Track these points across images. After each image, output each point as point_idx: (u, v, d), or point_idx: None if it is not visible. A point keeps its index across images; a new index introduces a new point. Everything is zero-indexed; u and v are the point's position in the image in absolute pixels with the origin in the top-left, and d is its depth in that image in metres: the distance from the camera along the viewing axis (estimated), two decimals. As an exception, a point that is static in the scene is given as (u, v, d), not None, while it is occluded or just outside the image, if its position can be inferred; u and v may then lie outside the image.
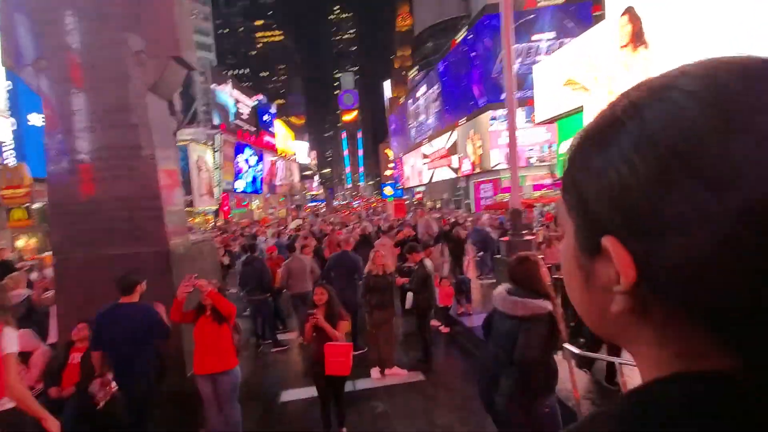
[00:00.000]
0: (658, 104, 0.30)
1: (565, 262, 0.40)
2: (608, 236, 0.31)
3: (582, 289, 0.37)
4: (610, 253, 0.31)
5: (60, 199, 4.47)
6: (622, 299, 0.32)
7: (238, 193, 40.17)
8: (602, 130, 0.34)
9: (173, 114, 5.64)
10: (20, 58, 4.57)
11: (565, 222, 0.38)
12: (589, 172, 0.33)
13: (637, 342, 0.34)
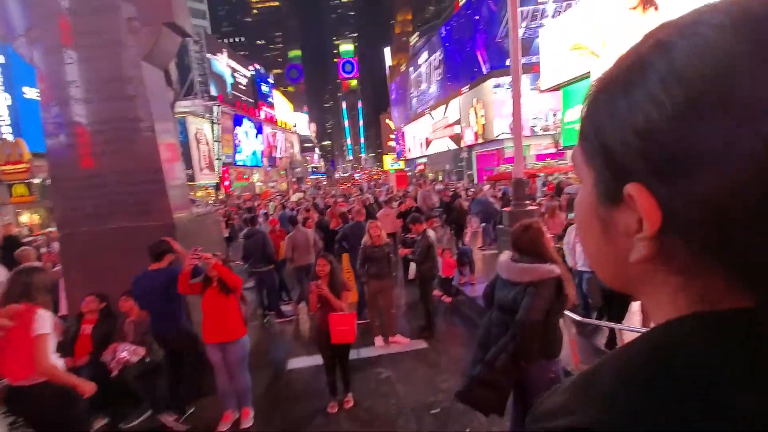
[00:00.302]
0: (687, 40, 0.29)
1: (580, 214, 0.39)
2: (632, 183, 0.30)
3: (599, 241, 0.37)
4: (635, 199, 0.30)
5: (61, 173, 4.45)
6: (645, 246, 0.31)
7: (239, 167, 39.95)
8: (626, 72, 0.33)
9: (170, 85, 5.54)
10: (12, 29, 4.43)
11: (582, 173, 0.38)
12: (612, 117, 0.32)
13: (655, 291, 0.34)
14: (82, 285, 4.03)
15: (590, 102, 0.36)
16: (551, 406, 0.35)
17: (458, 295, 6.40)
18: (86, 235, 4.21)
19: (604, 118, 0.33)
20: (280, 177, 51.05)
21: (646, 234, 0.31)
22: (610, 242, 0.36)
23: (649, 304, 0.36)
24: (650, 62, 0.31)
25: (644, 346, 0.31)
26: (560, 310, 2.47)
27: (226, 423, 3.43)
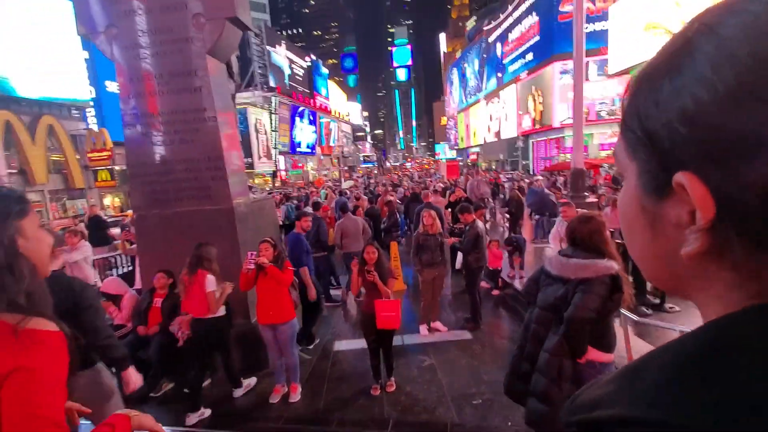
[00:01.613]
0: (735, 19, 0.28)
1: (625, 208, 0.38)
2: (682, 172, 0.29)
3: (646, 237, 0.35)
4: (686, 188, 0.29)
5: (136, 161, 4.89)
6: (698, 239, 0.30)
7: (294, 155, 41.43)
8: (671, 56, 0.31)
9: (231, 77, 5.85)
10: (93, 27, 4.89)
11: (625, 165, 0.36)
12: (657, 104, 0.31)
13: (707, 288, 0.32)
14: (153, 262, 4.44)
15: (633, 91, 0.34)
16: (591, 397, 0.34)
17: (506, 288, 6.24)
18: (156, 218, 4.61)
19: (648, 105, 0.32)
20: (333, 165, 52.26)
21: (699, 225, 0.29)
22: (658, 237, 0.34)
23: (700, 302, 0.34)
24: (697, 44, 0.29)
25: (697, 341, 0.30)
26: (613, 309, 2.32)
27: (276, 396, 3.67)
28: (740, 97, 0.26)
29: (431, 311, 5.08)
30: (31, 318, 0.85)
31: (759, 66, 0.26)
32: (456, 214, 6.84)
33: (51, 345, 0.84)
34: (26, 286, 0.86)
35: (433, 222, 4.94)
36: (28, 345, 0.82)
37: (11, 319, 0.82)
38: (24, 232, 0.92)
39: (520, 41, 31.88)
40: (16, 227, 0.90)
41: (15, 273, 0.86)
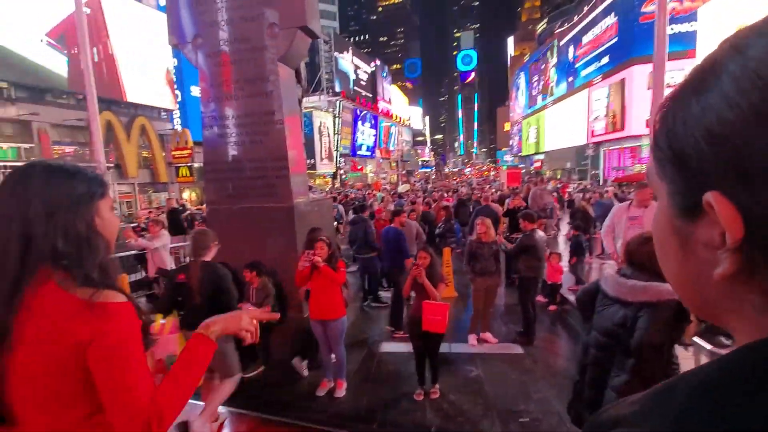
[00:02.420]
0: (762, 40, 0.28)
1: (656, 230, 0.38)
2: (711, 191, 0.29)
3: (678, 259, 0.35)
4: (714, 208, 0.29)
5: (212, 158, 5.33)
6: (728, 260, 0.29)
7: (354, 158, 42.46)
8: (700, 76, 0.32)
9: (299, 83, 6.16)
10: (182, 37, 5.43)
11: (656, 184, 0.36)
12: (686, 123, 0.31)
13: (739, 312, 0.31)
14: (221, 254, 4.82)
15: (663, 110, 0.35)
16: (614, 415, 0.34)
17: (565, 304, 5.92)
18: (226, 212, 5.00)
19: (677, 124, 0.32)
20: (391, 169, 52.79)
21: (728, 246, 0.29)
22: (689, 259, 0.34)
23: (732, 326, 0.34)
24: (724, 63, 0.30)
25: (728, 365, 0.29)
26: (677, 338, 2.13)
27: (322, 389, 3.80)
28: (764, 116, 0.26)
29: (481, 321, 4.96)
30: (102, 291, 0.92)
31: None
32: (514, 222, 6.62)
33: (123, 314, 0.93)
34: (99, 260, 0.97)
35: (487, 230, 4.84)
36: (101, 316, 0.89)
37: (83, 294, 0.91)
38: (101, 212, 1.02)
39: (595, 44, 30.04)
40: (96, 207, 1.01)
41: (92, 247, 0.96)
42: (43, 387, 0.89)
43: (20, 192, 0.93)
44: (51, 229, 0.91)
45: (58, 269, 0.92)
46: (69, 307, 0.89)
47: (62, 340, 0.88)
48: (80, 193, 0.97)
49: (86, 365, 0.89)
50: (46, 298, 0.90)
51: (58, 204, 0.93)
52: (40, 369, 0.88)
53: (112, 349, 0.89)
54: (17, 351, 0.87)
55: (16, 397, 0.89)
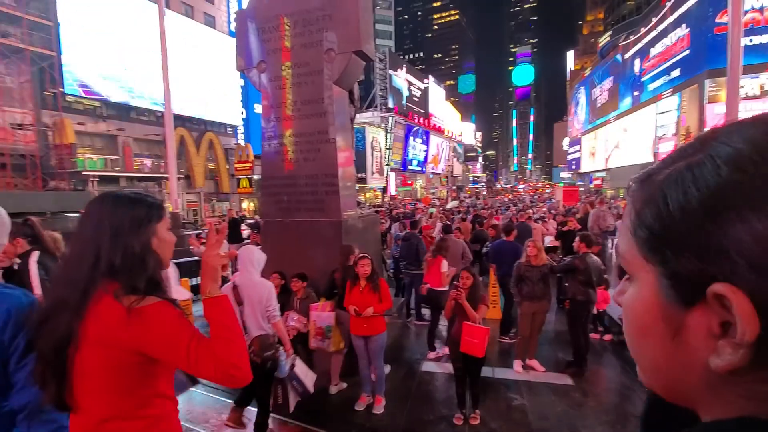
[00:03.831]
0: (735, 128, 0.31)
1: (638, 315, 0.35)
2: (721, 283, 0.28)
3: (665, 347, 0.33)
4: (730, 302, 0.27)
5: (269, 173, 5.68)
6: (737, 354, 0.28)
7: (404, 172, 42.79)
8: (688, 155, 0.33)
9: (352, 102, 6.42)
10: (248, 62, 5.89)
11: (637, 266, 0.34)
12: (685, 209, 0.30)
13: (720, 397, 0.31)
14: (272, 263, 5.08)
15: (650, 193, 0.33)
16: None
17: (621, 335, 5.52)
18: (278, 224, 5.28)
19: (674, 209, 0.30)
20: (441, 184, 52.46)
21: (744, 340, 0.27)
22: (677, 346, 0.32)
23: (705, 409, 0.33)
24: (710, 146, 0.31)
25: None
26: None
27: (361, 404, 3.85)
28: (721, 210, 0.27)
29: (528, 347, 4.78)
30: (143, 298, 1.07)
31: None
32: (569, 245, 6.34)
33: (156, 311, 1.07)
34: (149, 274, 1.13)
35: (538, 253, 4.69)
36: (139, 321, 1.04)
37: (126, 302, 1.05)
38: (158, 233, 1.18)
39: (664, 56, 28.19)
40: (153, 229, 1.17)
41: (145, 265, 1.12)
42: (100, 381, 1.06)
43: (95, 217, 1.13)
44: (113, 248, 1.09)
45: (114, 282, 1.08)
46: (116, 316, 1.05)
47: (112, 345, 1.04)
48: (139, 217, 1.15)
49: (135, 366, 1.05)
50: (103, 306, 1.06)
51: (121, 227, 1.11)
52: (98, 366, 1.05)
53: (159, 341, 1.04)
54: (82, 350, 1.04)
55: (80, 388, 1.06)
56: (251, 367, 1.13)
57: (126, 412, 1.08)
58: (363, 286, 3.78)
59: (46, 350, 1.05)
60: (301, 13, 5.35)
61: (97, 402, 1.07)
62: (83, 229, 1.12)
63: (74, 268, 1.08)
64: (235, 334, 1.11)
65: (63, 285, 1.08)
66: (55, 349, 1.04)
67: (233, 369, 1.05)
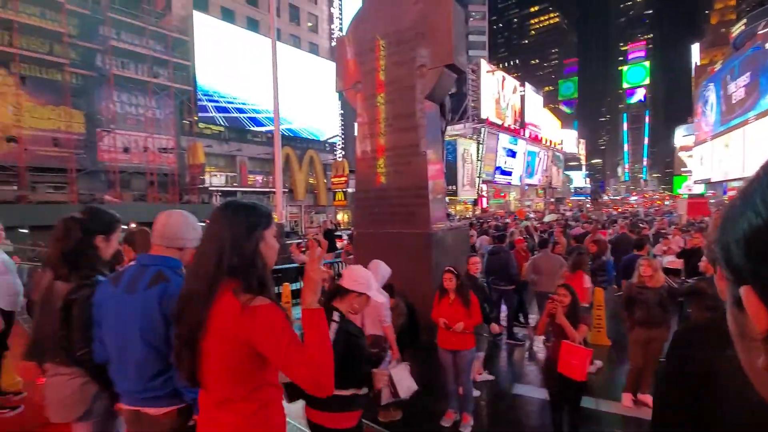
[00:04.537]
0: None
1: (729, 323, 0.40)
2: (744, 286, 0.33)
3: (740, 346, 0.38)
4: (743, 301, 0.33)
5: (362, 186, 5.99)
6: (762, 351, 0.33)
7: (497, 184, 41.27)
8: (744, 188, 0.38)
9: (443, 115, 6.47)
10: (346, 83, 6.33)
11: (719, 279, 0.40)
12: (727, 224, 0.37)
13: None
14: (364, 272, 5.32)
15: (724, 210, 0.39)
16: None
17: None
18: (369, 236, 5.51)
19: (726, 226, 0.37)
20: (538, 196, 49.39)
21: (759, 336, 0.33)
22: (747, 348, 0.37)
23: None
24: (759, 178, 0.35)
25: None
26: None
27: (447, 420, 3.77)
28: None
29: (640, 379, 4.21)
30: (255, 297, 1.20)
31: None
32: (693, 264, 5.54)
33: (266, 312, 1.21)
34: (258, 275, 1.28)
35: (654, 273, 4.15)
36: (251, 318, 1.17)
37: (242, 299, 1.19)
38: (266, 239, 1.33)
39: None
40: (261, 235, 1.31)
41: (254, 265, 1.27)
42: (219, 365, 1.24)
43: (219, 221, 1.32)
44: (232, 249, 1.26)
45: (233, 280, 1.25)
46: (233, 310, 1.20)
47: (230, 337, 1.20)
48: (252, 223, 1.32)
49: (247, 356, 1.20)
50: (224, 301, 1.23)
51: (238, 231, 1.29)
52: (217, 352, 1.23)
53: (264, 339, 1.19)
54: (207, 337, 1.23)
55: (206, 370, 1.25)
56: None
57: (241, 395, 1.24)
58: (452, 299, 3.74)
59: (183, 334, 1.26)
60: (394, 34, 5.60)
61: (218, 383, 1.25)
62: (210, 232, 1.32)
63: (202, 265, 1.28)
64: (325, 345, 1.21)
65: (194, 279, 1.29)
66: (189, 334, 1.24)
67: (320, 376, 1.15)
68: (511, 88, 45.06)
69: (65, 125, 17.75)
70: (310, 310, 1.24)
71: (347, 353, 2.03)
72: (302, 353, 1.17)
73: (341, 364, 2.06)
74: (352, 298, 2.18)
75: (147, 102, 20.67)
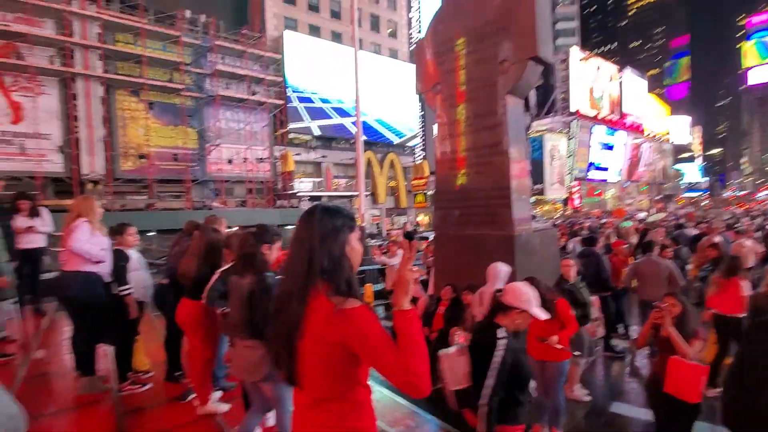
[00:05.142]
0: None
1: None
2: None
3: None
4: None
5: (442, 188, 5.93)
6: None
7: (591, 182, 37.85)
8: None
9: (528, 110, 6.13)
10: (425, 85, 6.31)
11: None
12: None
13: None
14: (443, 275, 5.26)
15: None
16: None
17: None
18: (450, 237, 5.44)
19: None
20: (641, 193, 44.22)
21: None
22: None
23: None
24: None
25: None
26: None
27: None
28: None
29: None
30: (346, 300, 1.23)
31: None
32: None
33: (360, 314, 1.23)
34: (346, 276, 1.31)
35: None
36: (344, 320, 1.20)
37: (334, 300, 1.23)
38: (350, 241, 1.35)
39: None
40: (347, 238, 1.34)
41: (342, 267, 1.30)
42: (314, 365, 1.28)
43: (308, 224, 1.37)
44: (322, 251, 1.31)
45: (324, 282, 1.30)
46: (325, 312, 1.23)
47: (324, 338, 1.24)
48: (339, 226, 1.35)
49: (341, 356, 1.23)
50: (318, 302, 1.28)
51: (326, 234, 1.33)
52: (312, 352, 1.28)
53: (359, 340, 1.21)
54: (305, 337, 1.28)
55: (302, 369, 1.31)
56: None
57: (336, 395, 1.28)
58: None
59: (281, 334, 1.33)
60: (474, 31, 5.45)
61: (313, 383, 1.30)
62: (300, 235, 1.37)
63: (295, 266, 1.35)
64: (419, 346, 1.20)
65: (287, 280, 1.37)
66: (287, 334, 1.31)
67: (414, 378, 1.14)
68: (607, 75, 41.03)
69: (182, 142, 20.47)
70: (402, 311, 1.24)
71: (517, 371, 2.08)
72: (396, 354, 1.17)
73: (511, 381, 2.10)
74: (514, 314, 2.21)
75: (246, 117, 22.93)
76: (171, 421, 3.12)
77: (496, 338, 2.16)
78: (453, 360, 2.29)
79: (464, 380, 2.21)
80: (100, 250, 3.39)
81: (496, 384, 2.08)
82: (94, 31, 18.22)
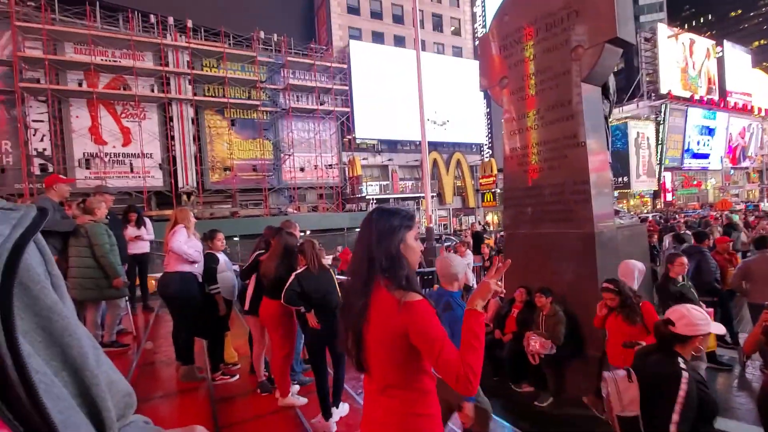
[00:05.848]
0: None
1: None
2: None
3: None
4: None
5: (511, 185, 5.68)
6: None
7: (687, 171, 33.73)
8: None
9: (606, 97, 5.66)
10: (491, 80, 6.10)
11: None
12: None
13: None
14: (516, 276, 5.03)
15: None
16: None
17: None
18: (522, 237, 5.19)
19: None
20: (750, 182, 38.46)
21: None
22: None
23: None
24: None
25: None
26: None
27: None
28: None
29: None
30: (408, 293, 1.32)
31: None
32: None
33: (421, 308, 1.31)
34: (405, 273, 1.38)
35: None
36: (407, 312, 1.28)
37: (398, 295, 1.32)
38: (406, 240, 1.43)
39: None
40: (404, 236, 1.43)
41: (400, 264, 1.38)
42: (379, 353, 1.37)
43: (366, 226, 1.48)
44: (378, 248, 1.40)
45: (385, 277, 1.38)
46: (390, 305, 1.33)
47: (387, 328, 1.33)
48: (395, 226, 1.44)
49: (404, 346, 1.31)
50: (380, 295, 1.37)
51: (383, 233, 1.42)
52: (377, 341, 1.37)
53: (420, 332, 1.28)
54: (369, 326, 1.38)
55: (369, 357, 1.40)
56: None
57: (401, 383, 1.36)
58: (617, 313, 3.24)
59: (349, 325, 1.44)
60: (543, 18, 5.16)
61: (380, 370, 1.39)
62: (362, 235, 1.49)
63: (357, 264, 1.46)
64: (481, 345, 1.26)
65: (352, 276, 1.49)
66: (354, 324, 1.42)
67: (471, 374, 1.20)
68: (703, 51, 36.37)
69: (260, 154, 22.19)
70: (474, 311, 1.33)
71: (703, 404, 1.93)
72: (451, 349, 1.23)
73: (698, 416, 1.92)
74: (697, 341, 2.06)
75: (315, 126, 24.14)
76: (255, 410, 3.38)
77: (674, 369, 1.95)
78: (621, 384, 2.14)
79: (632, 406, 2.06)
80: (195, 251, 3.81)
81: (680, 420, 1.91)
82: (185, 59, 20.49)
